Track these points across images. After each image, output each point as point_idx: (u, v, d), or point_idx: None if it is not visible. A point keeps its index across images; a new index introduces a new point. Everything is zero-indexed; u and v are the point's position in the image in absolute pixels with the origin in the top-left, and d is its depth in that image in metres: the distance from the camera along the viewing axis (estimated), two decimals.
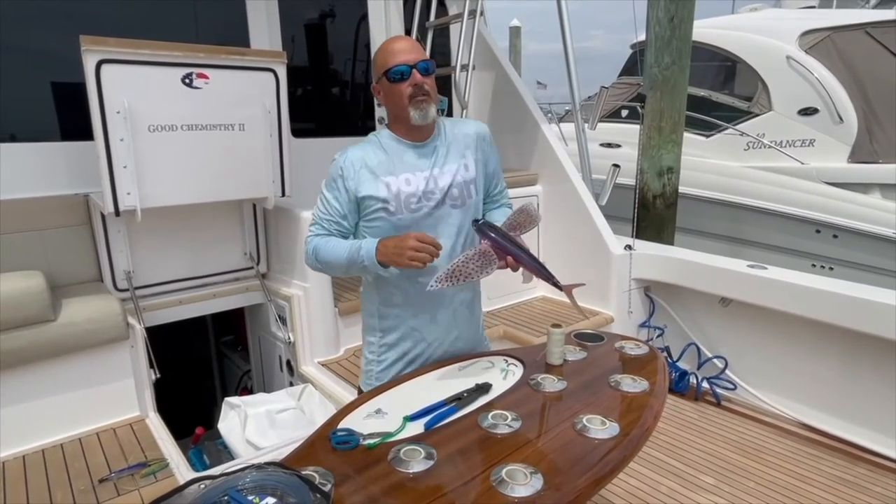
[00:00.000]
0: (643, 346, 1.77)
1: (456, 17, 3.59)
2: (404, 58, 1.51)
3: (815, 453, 2.55)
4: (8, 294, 2.07)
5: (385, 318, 1.66)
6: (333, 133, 3.66)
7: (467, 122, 1.71)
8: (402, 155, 1.58)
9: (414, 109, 1.52)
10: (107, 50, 2.20)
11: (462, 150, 1.64)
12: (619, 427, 1.30)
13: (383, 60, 1.54)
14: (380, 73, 1.55)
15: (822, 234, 5.32)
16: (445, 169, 1.60)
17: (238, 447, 2.29)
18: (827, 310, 2.59)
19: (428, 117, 1.54)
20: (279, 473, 1.10)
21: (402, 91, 1.52)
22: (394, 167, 1.56)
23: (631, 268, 3.29)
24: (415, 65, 1.51)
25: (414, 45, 1.55)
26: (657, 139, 4.69)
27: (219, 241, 3.01)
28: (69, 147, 2.64)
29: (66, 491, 1.92)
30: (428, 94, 1.53)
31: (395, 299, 1.63)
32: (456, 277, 1.41)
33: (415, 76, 1.51)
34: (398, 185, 1.55)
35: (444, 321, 1.66)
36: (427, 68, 1.53)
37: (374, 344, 1.70)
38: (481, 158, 1.68)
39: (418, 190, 1.55)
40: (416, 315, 1.63)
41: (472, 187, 1.63)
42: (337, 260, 1.54)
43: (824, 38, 5.68)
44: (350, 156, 1.56)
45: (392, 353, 1.67)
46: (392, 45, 1.54)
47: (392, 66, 1.51)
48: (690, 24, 4.52)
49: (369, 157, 1.56)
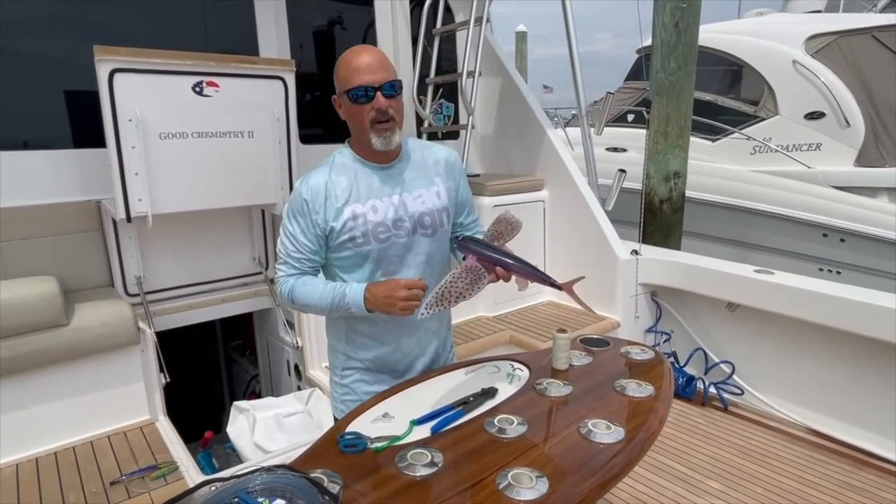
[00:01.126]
0: (649, 351, 1.78)
1: (462, 24, 3.62)
2: (368, 77, 1.39)
3: (823, 458, 2.54)
4: (23, 299, 2.11)
5: (351, 343, 1.60)
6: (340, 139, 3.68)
7: (437, 148, 1.61)
8: (367, 179, 1.48)
9: (376, 136, 1.42)
10: (120, 59, 2.24)
11: (432, 177, 1.55)
12: (625, 431, 1.31)
13: (346, 76, 1.41)
14: (341, 88, 1.44)
15: (829, 237, 5.30)
16: (415, 194, 1.51)
17: (247, 451, 2.31)
18: (834, 314, 2.58)
19: (391, 144, 1.44)
20: (288, 476, 1.11)
21: (363, 114, 1.41)
22: (359, 193, 1.46)
23: (637, 273, 3.29)
24: (380, 86, 1.39)
25: (380, 62, 1.42)
26: (664, 144, 4.69)
27: (228, 246, 3.04)
28: (81, 154, 2.68)
29: (78, 493, 1.95)
30: (392, 119, 1.42)
31: (361, 328, 1.57)
32: (447, 299, 1.34)
33: (378, 100, 1.39)
34: (364, 212, 1.45)
35: (408, 348, 1.60)
36: (393, 91, 1.41)
37: (338, 368, 1.64)
38: (452, 187, 1.58)
39: (386, 218, 1.47)
40: (381, 343, 1.57)
41: (444, 216, 1.55)
42: (318, 304, 1.46)
43: (831, 42, 5.67)
44: (312, 184, 1.45)
45: (356, 374, 1.62)
46: (356, 61, 1.41)
47: (354, 85, 1.39)
48: (696, 29, 4.53)
49: (333, 184, 1.46)
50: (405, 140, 1.55)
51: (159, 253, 2.82)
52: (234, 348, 3.98)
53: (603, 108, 3.79)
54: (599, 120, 3.78)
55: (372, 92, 1.40)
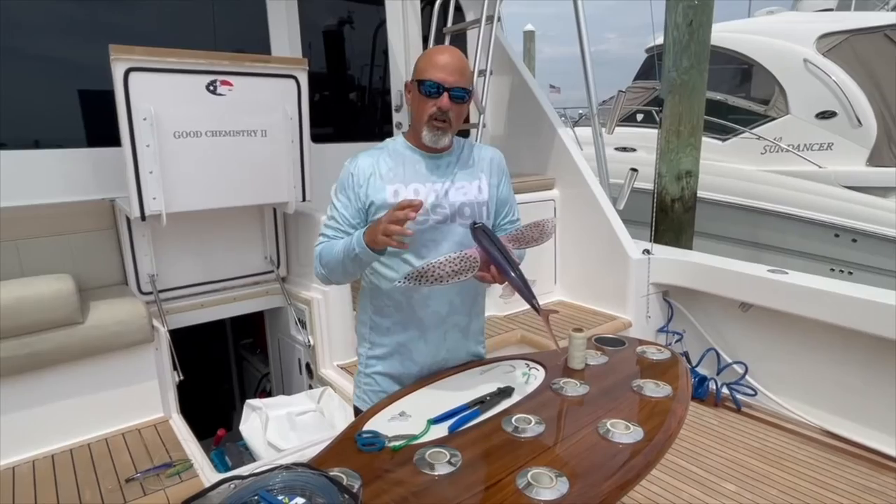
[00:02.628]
0: (665, 351, 1.76)
1: (473, 23, 3.61)
2: (442, 76, 1.44)
3: (839, 461, 2.52)
4: (39, 297, 2.12)
5: (376, 330, 1.62)
6: (352, 138, 3.69)
7: (484, 148, 1.67)
8: (414, 164, 1.54)
9: (428, 131, 1.48)
10: (135, 58, 2.25)
11: (476, 172, 1.59)
12: (643, 432, 1.30)
13: (424, 67, 1.48)
14: (416, 76, 1.49)
15: (841, 238, 5.26)
16: (458, 185, 1.55)
17: (259, 449, 2.32)
18: (849, 314, 2.56)
19: (440, 143, 1.50)
20: (308, 474, 1.11)
21: (425, 106, 1.47)
22: (404, 175, 1.51)
23: (649, 272, 3.28)
24: (450, 88, 1.44)
25: (459, 67, 1.47)
26: (675, 143, 4.67)
27: (240, 245, 3.05)
28: (96, 153, 2.70)
29: (94, 490, 1.96)
30: (448, 121, 1.47)
31: (386, 311, 1.59)
32: (426, 278, 1.33)
33: (443, 99, 1.44)
34: (406, 193, 1.49)
35: (433, 341, 1.60)
36: (461, 97, 1.46)
37: (364, 356, 1.66)
38: (495, 184, 1.63)
39: (426, 202, 1.48)
40: (406, 330, 1.58)
41: (484, 210, 1.58)
42: (335, 258, 1.48)
43: (842, 40, 5.63)
44: (360, 162, 1.52)
45: (380, 365, 1.63)
46: (437, 57, 1.47)
47: (427, 78, 1.45)
48: (709, 27, 4.50)
49: (380, 164, 1.52)
50: (457, 140, 1.61)
51: (172, 251, 2.83)
52: (244, 347, 3.99)
53: (615, 107, 3.78)
54: (611, 119, 3.76)
55: (441, 90, 1.44)
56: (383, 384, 1.62)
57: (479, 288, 1.67)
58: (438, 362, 1.64)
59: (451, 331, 1.62)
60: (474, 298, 1.67)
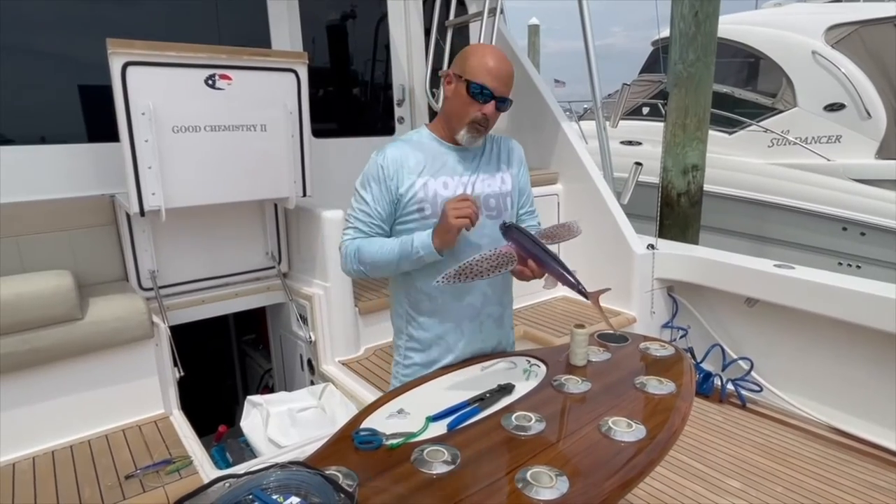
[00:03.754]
0: (668, 347, 1.74)
1: (476, 16, 3.57)
2: (495, 84, 1.46)
3: (846, 458, 2.49)
4: (38, 293, 2.11)
5: (412, 323, 1.65)
6: (353, 133, 3.67)
7: (504, 139, 1.71)
8: (442, 157, 1.56)
9: (467, 133, 1.51)
10: (133, 52, 2.23)
11: (499, 164, 1.64)
12: (646, 430, 1.27)
13: (476, 66, 1.47)
14: (464, 74, 1.49)
15: (849, 231, 5.20)
16: (483, 177, 1.59)
17: (260, 445, 2.31)
18: (856, 310, 2.52)
19: (474, 144, 1.55)
20: (303, 473, 1.09)
21: (470, 109, 1.48)
22: (432, 168, 1.54)
23: (654, 267, 3.24)
24: (499, 97, 1.48)
25: (510, 77, 1.51)
26: (682, 136, 4.62)
27: (241, 240, 3.03)
28: (95, 149, 2.69)
29: (93, 487, 1.95)
30: (487, 127, 1.52)
31: (422, 306, 1.62)
32: (465, 275, 1.36)
33: (490, 106, 1.48)
34: (435, 187, 1.52)
35: (469, 332, 1.64)
36: (505, 106, 1.51)
37: (402, 347, 1.69)
38: (516, 174, 1.68)
39: (455, 194, 1.52)
40: (443, 323, 1.62)
41: (508, 200, 1.63)
42: (385, 258, 1.49)
43: (851, 32, 5.55)
44: (389, 154, 1.52)
45: (418, 357, 1.66)
46: (494, 62, 1.47)
47: (479, 81, 1.46)
48: (716, 19, 4.44)
49: (408, 157, 1.53)
50: None
51: (173, 247, 2.82)
52: (246, 343, 3.99)
53: (619, 100, 3.74)
54: (615, 112, 3.73)
55: (489, 97, 1.47)
56: (421, 374, 1.64)
57: (509, 279, 1.70)
58: (475, 351, 1.68)
59: (486, 321, 1.67)
60: (504, 289, 1.73)
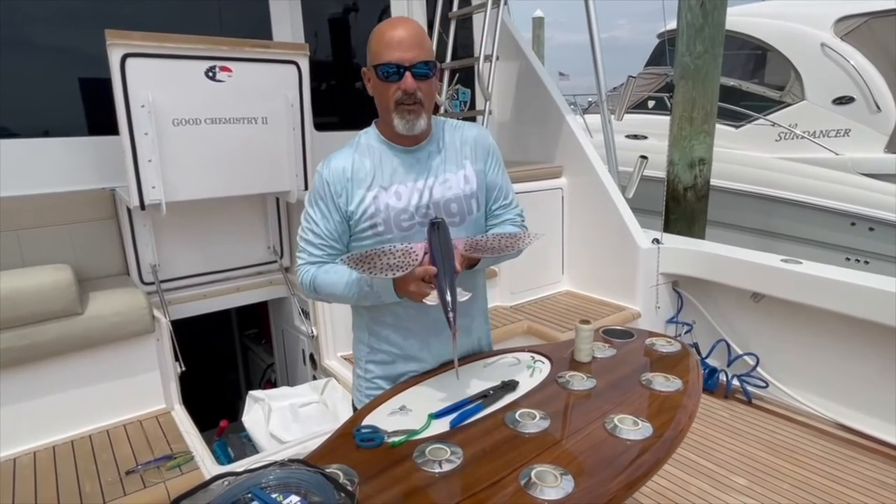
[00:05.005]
0: (675, 343, 1.71)
1: (479, 7, 3.53)
2: (399, 55, 1.28)
3: (853, 455, 2.46)
4: (37, 287, 2.10)
5: (375, 336, 1.52)
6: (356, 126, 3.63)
7: (467, 127, 1.50)
8: (391, 162, 1.39)
9: (399, 118, 1.33)
10: (131, 44, 2.20)
11: (460, 160, 1.44)
12: (653, 428, 1.25)
13: (377, 49, 1.31)
14: (371, 61, 1.34)
15: (858, 226, 5.15)
16: (441, 179, 1.40)
17: (262, 440, 2.30)
18: (864, 306, 2.50)
19: (415, 129, 1.34)
20: (303, 471, 1.08)
21: (389, 93, 1.31)
22: (382, 177, 1.38)
23: (658, 262, 3.21)
24: (410, 66, 1.28)
25: (415, 38, 1.30)
26: (688, 130, 4.56)
27: (242, 234, 3.02)
28: (96, 142, 2.66)
29: (94, 482, 1.94)
30: (419, 102, 1.31)
31: (385, 319, 1.48)
32: (364, 264, 1.24)
33: (406, 80, 1.29)
34: (387, 199, 1.37)
35: (436, 346, 1.50)
36: (426, 72, 1.31)
37: (362, 360, 1.56)
38: (482, 169, 1.47)
39: (409, 205, 1.37)
40: (407, 339, 1.48)
41: (473, 202, 1.44)
42: (342, 293, 1.38)
43: (861, 24, 5.49)
44: (334, 166, 1.39)
45: (379, 369, 1.54)
46: (389, 34, 1.30)
47: (384, 61, 1.29)
48: (724, 10, 4.37)
49: (355, 167, 1.38)
50: (436, 121, 1.46)
51: (174, 241, 2.80)
52: (249, 337, 3.98)
53: (624, 93, 3.71)
54: (620, 105, 3.69)
55: (402, 70, 1.29)
56: (387, 386, 1.54)
57: (478, 283, 1.57)
58: (443, 364, 1.55)
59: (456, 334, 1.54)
60: (475, 295, 1.55)
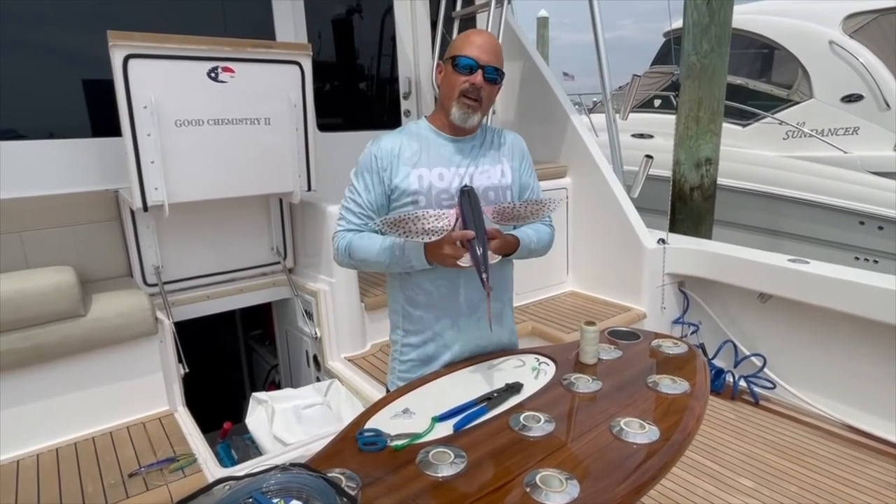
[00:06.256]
0: (681, 345, 1.69)
1: (483, 7, 3.51)
2: (477, 53, 1.45)
3: (862, 457, 2.43)
4: (40, 289, 2.09)
5: (408, 318, 1.61)
6: (359, 127, 3.63)
7: (506, 132, 1.68)
8: (439, 148, 1.53)
9: (458, 108, 1.48)
10: (134, 45, 2.20)
11: (499, 156, 1.60)
12: (660, 431, 1.23)
13: (459, 45, 1.49)
14: (449, 54, 1.50)
15: (867, 225, 5.11)
16: (482, 169, 1.54)
17: (265, 442, 2.29)
18: (873, 306, 2.46)
19: (468, 122, 1.50)
20: (305, 475, 1.06)
21: (458, 82, 1.47)
22: (428, 159, 1.51)
23: (664, 262, 3.19)
24: (484, 66, 1.46)
25: (496, 49, 1.49)
26: (695, 129, 4.53)
27: (246, 235, 3.01)
28: (99, 143, 2.66)
29: (97, 484, 1.94)
30: (480, 99, 1.48)
31: (419, 299, 1.58)
32: (399, 227, 1.33)
33: (477, 76, 1.45)
34: (430, 178, 1.49)
35: (467, 328, 1.59)
36: (494, 77, 1.48)
37: (398, 343, 1.65)
38: (517, 168, 1.63)
39: (451, 186, 1.49)
40: (439, 319, 1.57)
41: (508, 193, 1.58)
42: (375, 259, 1.48)
43: (870, 21, 5.44)
44: (384, 144, 1.51)
45: (414, 353, 1.62)
46: (474, 36, 1.49)
47: (463, 54, 1.46)
48: (730, 8, 4.35)
49: (403, 147, 1.51)
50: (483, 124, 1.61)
51: (177, 242, 2.79)
52: (253, 338, 3.97)
53: (629, 92, 3.67)
54: (625, 104, 3.66)
55: (476, 67, 1.45)
56: (419, 372, 1.60)
57: (508, 275, 1.67)
58: (473, 350, 1.63)
59: (484, 318, 1.59)
60: (504, 285, 1.67)
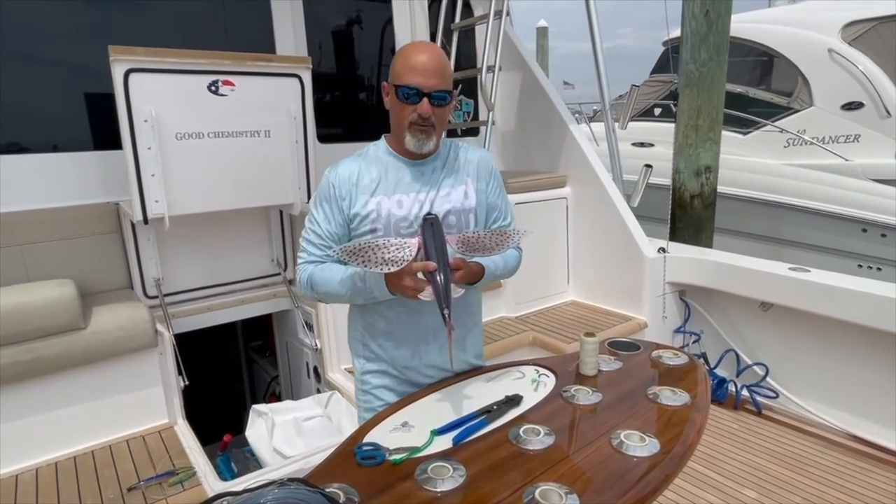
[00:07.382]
0: (682, 355, 1.68)
1: (482, 18, 3.54)
2: (420, 80, 1.35)
3: (866, 466, 2.41)
4: (40, 303, 2.10)
5: (368, 346, 1.56)
6: (360, 138, 3.64)
7: (472, 149, 1.58)
8: (397, 173, 1.46)
9: (411, 136, 1.40)
10: (134, 59, 2.22)
11: (462, 177, 1.51)
12: (660, 443, 1.22)
13: (400, 70, 1.39)
14: (392, 80, 1.41)
15: (870, 233, 5.10)
16: (443, 192, 1.47)
17: (265, 455, 2.28)
18: (875, 314, 2.45)
19: (424, 148, 1.42)
20: (303, 491, 1.05)
21: (405, 113, 1.38)
22: (387, 186, 1.44)
23: (665, 271, 3.18)
24: (429, 93, 1.36)
25: (437, 67, 1.38)
26: (694, 137, 4.54)
27: (246, 247, 3.01)
28: (100, 156, 2.68)
29: (95, 498, 1.93)
30: (432, 126, 1.39)
31: (378, 326, 1.53)
32: (358, 256, 1.28)
33: (423, 105, 1.36)
34: (389, 206, 1.43)
35: (428, 356, 1.53)
36: (443, 99, 1.38)
37: (359, 371, 1.60)
38: (483, 188, 1.54)
39: (410, 214, 1.43)
40: (399, 347, 1.52)
41: (472, 217, 1.50)
42: (337, 291, 1.44)
43: (869, 28, 5.47)
44: (341, 171, 1.45)
45: (375, 380, 1.57)
46: (414, 58, 1.37)
47: (405, 83, 1.36)
48: (728, 18, 4.38)
49: (362, 173, 1.44)
50: (444, 141, 1.52)
51: (178, 255, 2.80)
52: (254, 349, 3.97)
53: (628, 102, 3.69)
54: (624, 114, 3.67)
55: (421, 95, 1.37)
56: (385, 397, 1.56)
57: (474, 300, 1.62)
58: (434, 376, 1.57)
59: (446, 345, 1.52)
60: (469, 310, 1.60)
